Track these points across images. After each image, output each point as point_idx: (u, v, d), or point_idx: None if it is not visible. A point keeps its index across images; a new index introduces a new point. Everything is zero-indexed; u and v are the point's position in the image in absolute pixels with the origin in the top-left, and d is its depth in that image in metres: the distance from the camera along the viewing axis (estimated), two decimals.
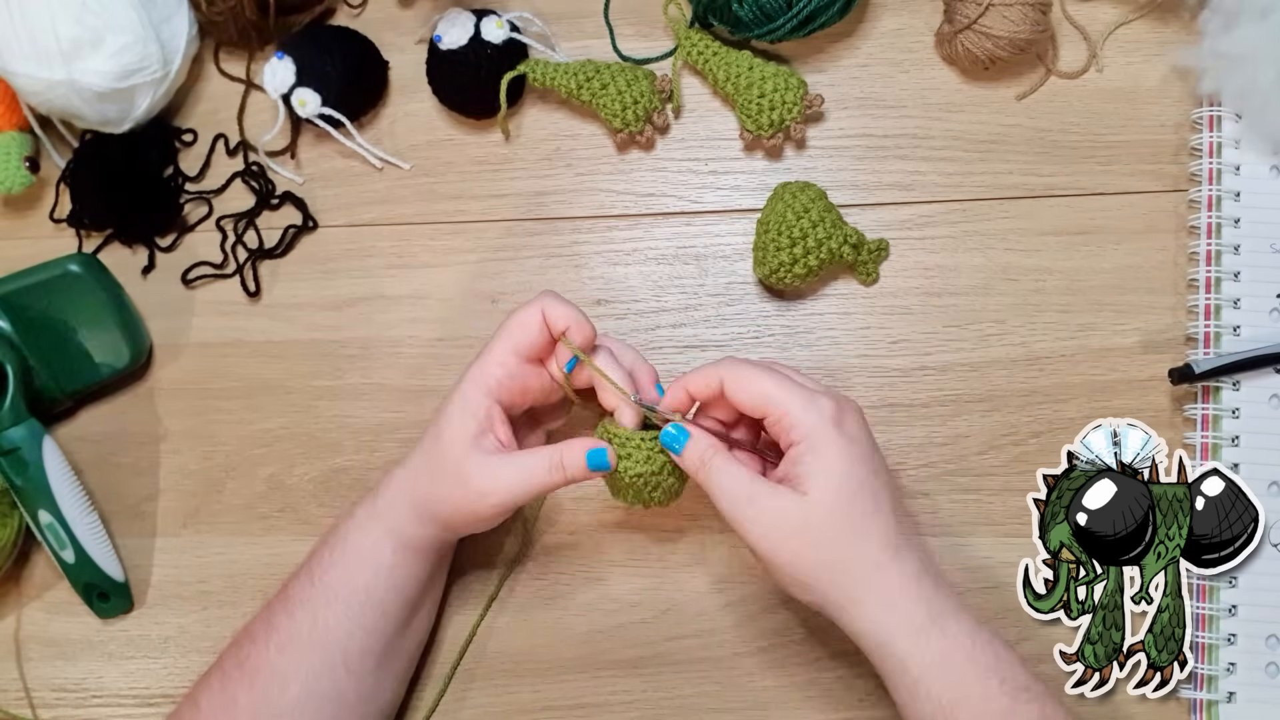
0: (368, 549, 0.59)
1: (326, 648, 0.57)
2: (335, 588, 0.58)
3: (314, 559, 0.60)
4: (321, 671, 0.57)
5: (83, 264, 0.69)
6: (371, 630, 0.59)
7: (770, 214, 0.65)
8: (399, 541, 0.59)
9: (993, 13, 0.65)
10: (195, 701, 0.58)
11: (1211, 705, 0.61)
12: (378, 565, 0.59)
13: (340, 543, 0.59)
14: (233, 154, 0.74)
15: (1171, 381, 0.63)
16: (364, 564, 0.59)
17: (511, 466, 0.56)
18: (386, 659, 0.60)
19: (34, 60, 0.66)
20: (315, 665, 0.57)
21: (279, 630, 0.58)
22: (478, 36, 0.69)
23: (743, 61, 0.68)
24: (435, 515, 0.58)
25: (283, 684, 0.57)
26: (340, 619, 0.58)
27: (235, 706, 0.56)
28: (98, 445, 0.71)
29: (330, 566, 0.59)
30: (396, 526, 0.59)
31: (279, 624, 0.58)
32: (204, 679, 0.59)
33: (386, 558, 0.59)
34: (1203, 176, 0.65)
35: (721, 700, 0.64)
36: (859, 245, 0.65)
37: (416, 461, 0.59)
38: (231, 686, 0.57)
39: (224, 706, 0.57)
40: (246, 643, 0.58)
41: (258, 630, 0.58)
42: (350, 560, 0.59)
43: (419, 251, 0.71)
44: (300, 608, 0.58)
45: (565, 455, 0.56)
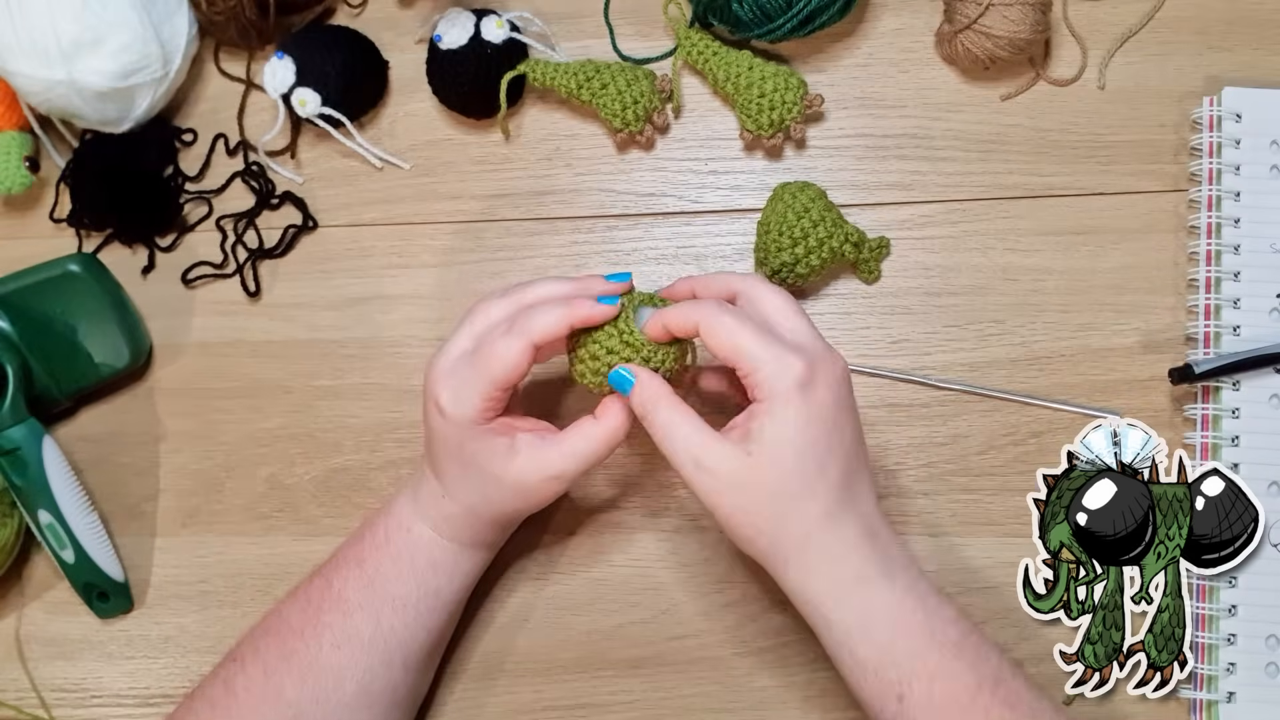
0: (438, 557, 0.59)
1: (388, 650, 0.58)
2: (404, 596, 0.58)
3: (369, 565, 0.59)
4: (380, 671, 0.57)
5: (83, 264, 0.69)
6: (433, 630, 0.60)
7: (771, 214, 0.65)
8: (464, 545, 0.60)
9: (993, 12, 0.65)
10: (232, 689, 0.57)
11: (1211, 705, 0.61)
12: (451, 570, 0.60)
13: (408, 556, 0.59)
14: (233, 154, 0.74)
15: (1171, 381, 0.63)
16: (434, 569, 0.59)
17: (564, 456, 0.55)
18: (438, 652, 0.62)
19: (34, 60, 0.66)
20: (374, 665, 0.57)
21: (333, 629, 0.57)
22: (478, 36, 0.69)
23: (743, 61, 0.68)
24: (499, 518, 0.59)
25: (338, 682, 0.56)
26: (407, 624, 0.58)
27: (282, 699, 0.56)
28: (98, 445, 0.71)
29: (397, 579, 0.58)
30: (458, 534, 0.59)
31: (332, 623, 0.57)
32: (235, 666, 0.58)
33: (460, 560, 0.60)
34: (1203, 176, 0.65)
35: (721, 700, 0.64)
36: (860, 244, 0.65)
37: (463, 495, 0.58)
38: (277, 679, 0.56)
39: (268, 697, 0.56)
40: (291, 637, 0.57)
41: (302, 625, 0.58)
42: (425, 572, 0.59)
43: (419, 251, 0.71)
44: (359, 611, 0.57)
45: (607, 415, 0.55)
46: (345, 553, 0.60)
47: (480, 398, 0.54)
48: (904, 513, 0.65)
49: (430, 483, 0.59)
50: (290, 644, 0.57)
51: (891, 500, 0.65)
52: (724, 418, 0.55)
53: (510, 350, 0.54)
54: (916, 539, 0.64)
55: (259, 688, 0.56)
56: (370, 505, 0.68)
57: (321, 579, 0.59)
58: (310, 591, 0.59)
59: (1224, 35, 0.68)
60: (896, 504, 0.65)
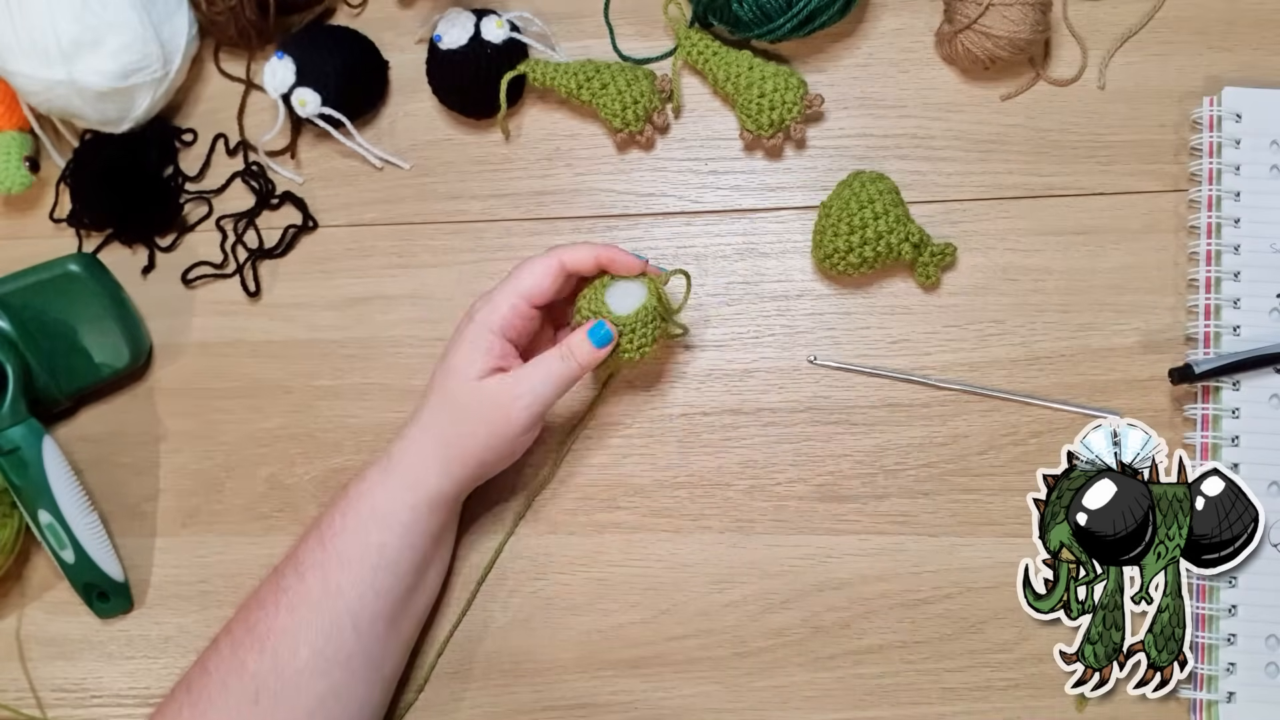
0: (384, 509, 0.59)
1: (336, 611, 0.58)
2: (348, 551, 0.59)
3: (324, 522, 0.60)
4: (330, 633, 0.57)
5: (83, 264, 0.69)
6: (383, 593, 0.59)
7: (835, 199, 0.65)
8: (419, 498, 0.60)
9: (993, 12, 0.65)
10: (205, 668, 0.58)
11: (1211, 705, 0.61)
12: (394, 524, 0.59)
13: (354, 505, 0.60)
14: (233, 154, 0.74)
15: (1172, 381, 0.63)
16: (379, 524, 0.59)
17: (526, 370, 0.60)
18: (395, 622, 0.61)
19: (34, 60, 0.66)
20: (325, 627, 0.57)
21: (288, 592, 0.58)
22: (478, 36, 0.69)
23: (743, 61, 0.68)
24: (465, 456, 0.60)
25: (293, 647, 0.57)
26: (353, 581, 0.58)
27: (245, 671, 0.56)
28: (98, 445, 0.71)
29: (343, 530, 0.59)
30: (418, 482, 0.60)
31: (288, 586, 0.58)
32: (213, 645, 0.59)
33: (404, 516, 0.59)
34: (1203, 176, 0.65)
35: (721, 700, 0.64)
36: (921, 245, 0.65)
37: (432, 412, 0.61)
38: (241, 651, 0.57)
39: (234, 671, 0.57)
40: (255, 608, 0.58)
41: (266, 595, 0.58)
42: (365, 521, 0.59)
43: (419, 251, 0.71)
44: (311, 570, 0.58)
45: (571, 343, 0.60)
46: (311, 525, 0.61)
47: (507, 306, 0.60)
48: (904, 512, 0.65)
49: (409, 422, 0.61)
50: (254, 615, 0.58)
51: (892, 499, 0.65)
52: None
53: (540, 263, 0.61)
54: (917, 539, 0.64)
55: (227, 662, 0.57)
56: None
57: (291, 548, 0.60)
58: (279, 563, 0.60)
59: (1224, 35, 0.68)
60: (897, 504, 0.65)
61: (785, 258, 0.69)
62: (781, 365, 0.67)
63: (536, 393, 0.60)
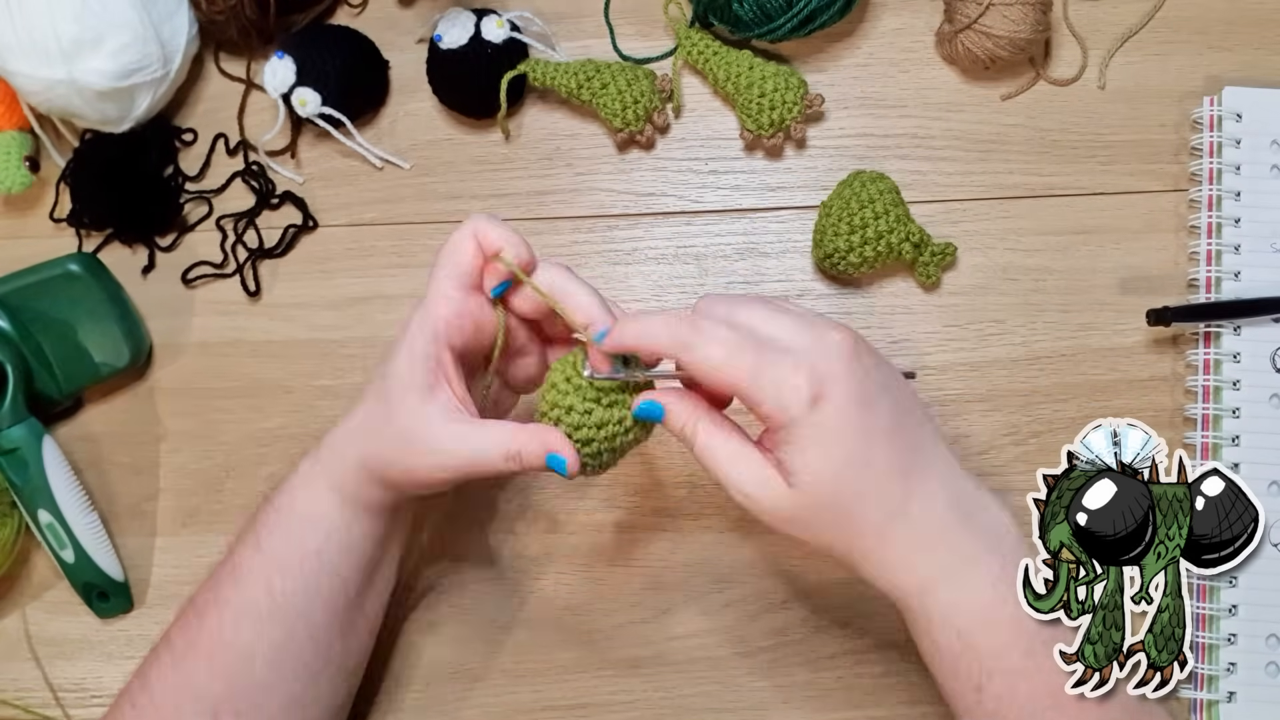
0: (315, 510, 0.54)
1: (286, 619, 0.54)
2: (284, 554, 0.54)
3: (259, 521, 0.55)
4: (283, 643, 0.54)
5: (83, 263, 0.69)
6: (329, 598, 0.55)
7: (835, 198, 0.65)
8: (347, 501, 0.54)
9: (993, 12, 0.65)
10: (146, 682, 0.54)
11: (1212, 705, 0.61)
12: (328, 527, 0.54)
13: (286, 503, 0.55)
14: (233, 153, 0.74)
15: (1148, 323, 0.63)
16: (312, 527, 0.54)
17: (463, 443, 0.51)
18: (349, 625, 0.57)
19: (34, 59, 0.66)
20: (276, 637, 0.54)
21: (230, 604, 0.54)
22: (478, 36, 0.69)
23: (743, 61, 0.68)
24: (382, 477, 0.53)
25: (246, 658, 0.53)
26: (296, 587, 0.54)
27: (194, 686, 0.53)
28: (97, 445, 0.71)
29: (275, 529, 0.55)
30: (343, 485, 0.54)
31: (228, 597, 0.54)
32: (152, 659, 0.55)
33: (336, 518, 0.54)
34: (1203, 176, 0.65)
35: (721, 700, 0.64)
36: (922, 245, 0.65)
37: (360, 418, 0.54)
38: (187, 665, 0.54)
39: (181, 688, 0.53)
40: (194, 619, 0.54)
41: (206, 605, 0.55)
42: (297, 523, 0.55)
43: (419, 251, 0.71)
44: (249, 577, 0.54)
45: (524, 450, 0.51)
46: (247, 522, 0.57)
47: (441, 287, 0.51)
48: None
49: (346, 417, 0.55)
50: (194, 628, 0.54)
51: None
52: None
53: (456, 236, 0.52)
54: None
55: (170, 679, 0.54)
56: None
57: (228, 553, 0.56)
58: (216, 568, 0.56)
59: (1224, 35, 0.68)
60: None
61: (786, 257, 0.69)
62: None
63: (459, 470, 0.51)
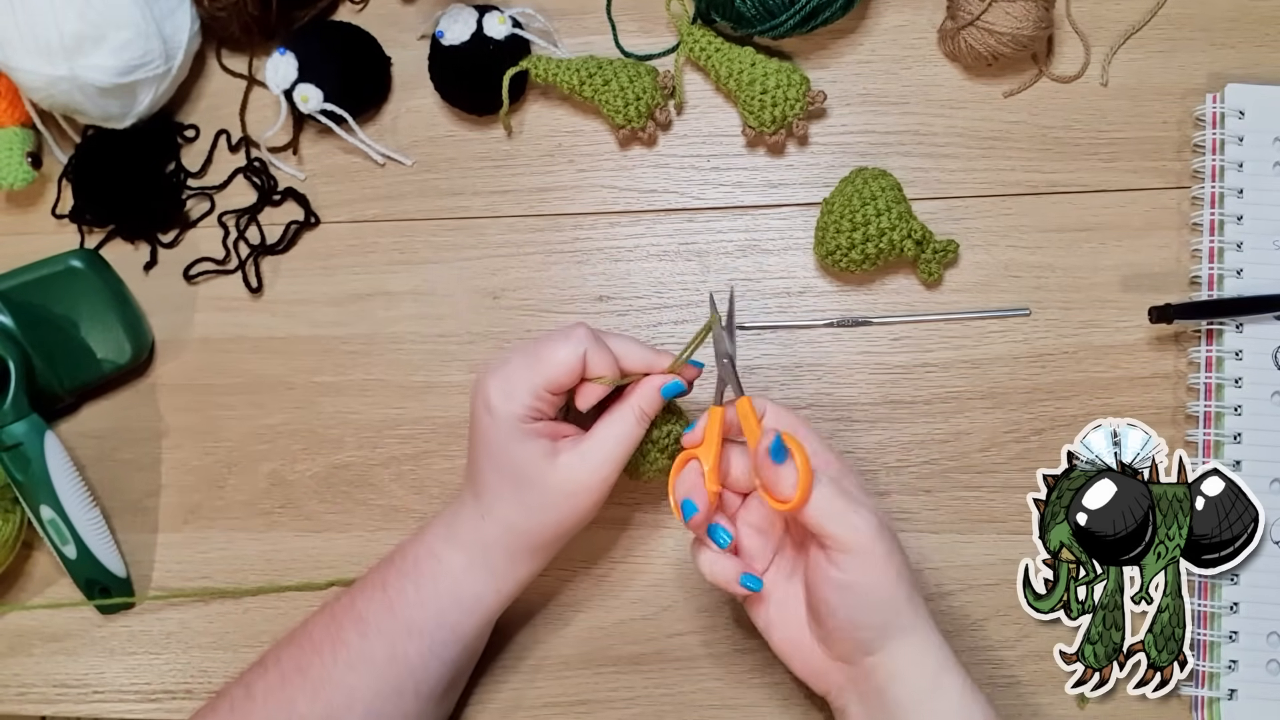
0: (470, 593, 0.59)
1: (400, 676, 0.57)
2: (421, 624, 0.58)
3: (393, 589, 0.58)
4: (390, 696, 0.57)
5: (85, 260, 0.69)
6: (450, 663, 0.59)
7: (837, 195, 0.65)
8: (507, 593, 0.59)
9: (996, 9, 0.65)
10: (251, 691, 0.57)
11: (1213, 702, 0.61)
12: (478, 608, 0.59)
13: (428, 579, 0.58)
14: (235, 150, 0.74)
15: (1150, 320, 0.63)
16: (461, 608, 0.58)
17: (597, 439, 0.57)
18: (454, 685, 0.61)
19: (36, 55, 0.66)
20: (385, 690, 0.57)
21: (349, 647, 0.57)
22: (480, 32, 0.68)
23: (745, 58, 0.67)
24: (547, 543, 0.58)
25: (349, 701, 0.56)
26: (422, 653, 0.57)
27: (294, 710, 0.56)
28: (100, 441, 0.71)
29: (417, 603, 0.58)
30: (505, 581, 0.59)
31: (349, 641, 0.57)
32: (259, 671, 0.58)
33: (489, 601, 0.59)
34: (1206, 173, 0.65)
35: (723, 697, 0.64)
36: (924, 242, 0.65)
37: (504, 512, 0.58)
38: (291, 690, 0.57)
39: (282, 706, 0.56)
40: (310, 651, 0.57)
41: (322, 640, 0.58)
42: (443, 600, 0.58)
43: (421, 248, 0.71)
44: (376, 633, 0.57)
45: (642, 402, 0.57)
46: (373, 575, 0.60)
47: (530, 394, 0.55)
48: (906, 509, 0.65)
49: (468, 506, 0.59)
50: (308, 657, 0.57)
51: (894, 497, 0.65)
52: None
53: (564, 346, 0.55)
54: (918, 536, 0.64)
55: (275, 695, 0.57)
56: (372, 502, 0.68)
57: (348, 598, 0.59)
58: (336, 609, 0.59)
59: (1227, 32, 0.68)
60: (898, 501, 0.65)
61: (788, 254, 0.69)
62: (784, 362, 0.67)
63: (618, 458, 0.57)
